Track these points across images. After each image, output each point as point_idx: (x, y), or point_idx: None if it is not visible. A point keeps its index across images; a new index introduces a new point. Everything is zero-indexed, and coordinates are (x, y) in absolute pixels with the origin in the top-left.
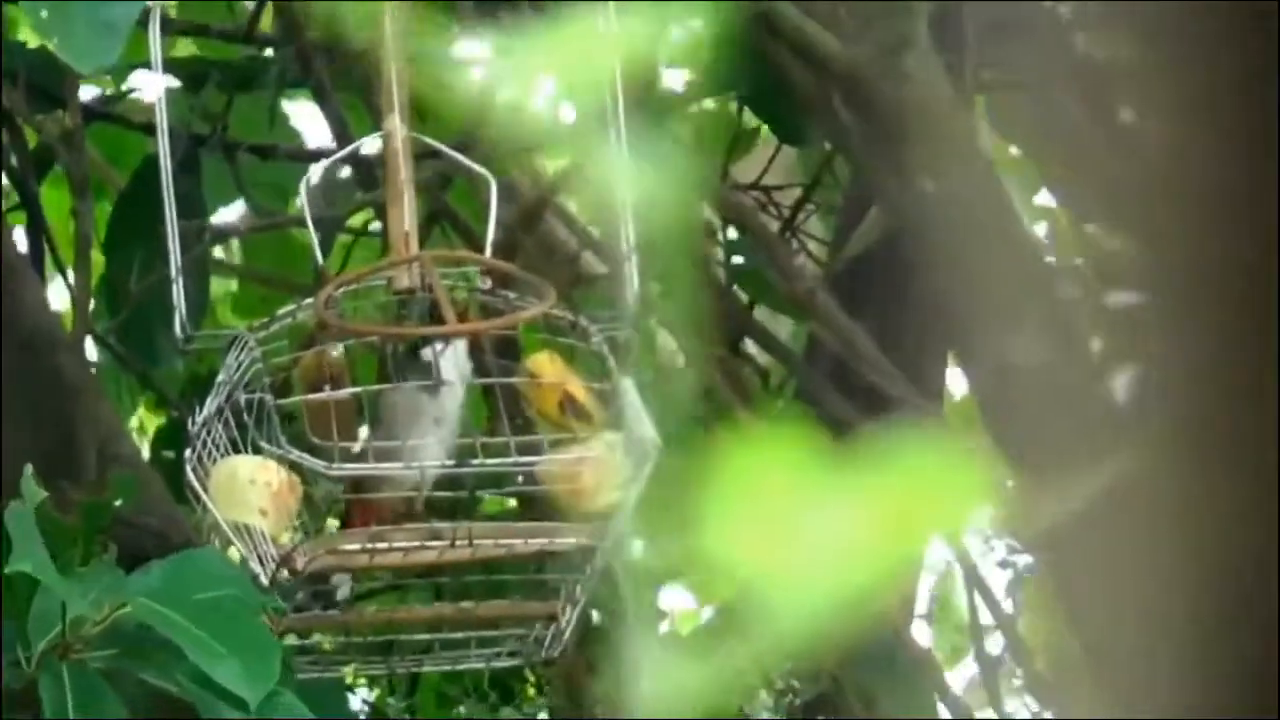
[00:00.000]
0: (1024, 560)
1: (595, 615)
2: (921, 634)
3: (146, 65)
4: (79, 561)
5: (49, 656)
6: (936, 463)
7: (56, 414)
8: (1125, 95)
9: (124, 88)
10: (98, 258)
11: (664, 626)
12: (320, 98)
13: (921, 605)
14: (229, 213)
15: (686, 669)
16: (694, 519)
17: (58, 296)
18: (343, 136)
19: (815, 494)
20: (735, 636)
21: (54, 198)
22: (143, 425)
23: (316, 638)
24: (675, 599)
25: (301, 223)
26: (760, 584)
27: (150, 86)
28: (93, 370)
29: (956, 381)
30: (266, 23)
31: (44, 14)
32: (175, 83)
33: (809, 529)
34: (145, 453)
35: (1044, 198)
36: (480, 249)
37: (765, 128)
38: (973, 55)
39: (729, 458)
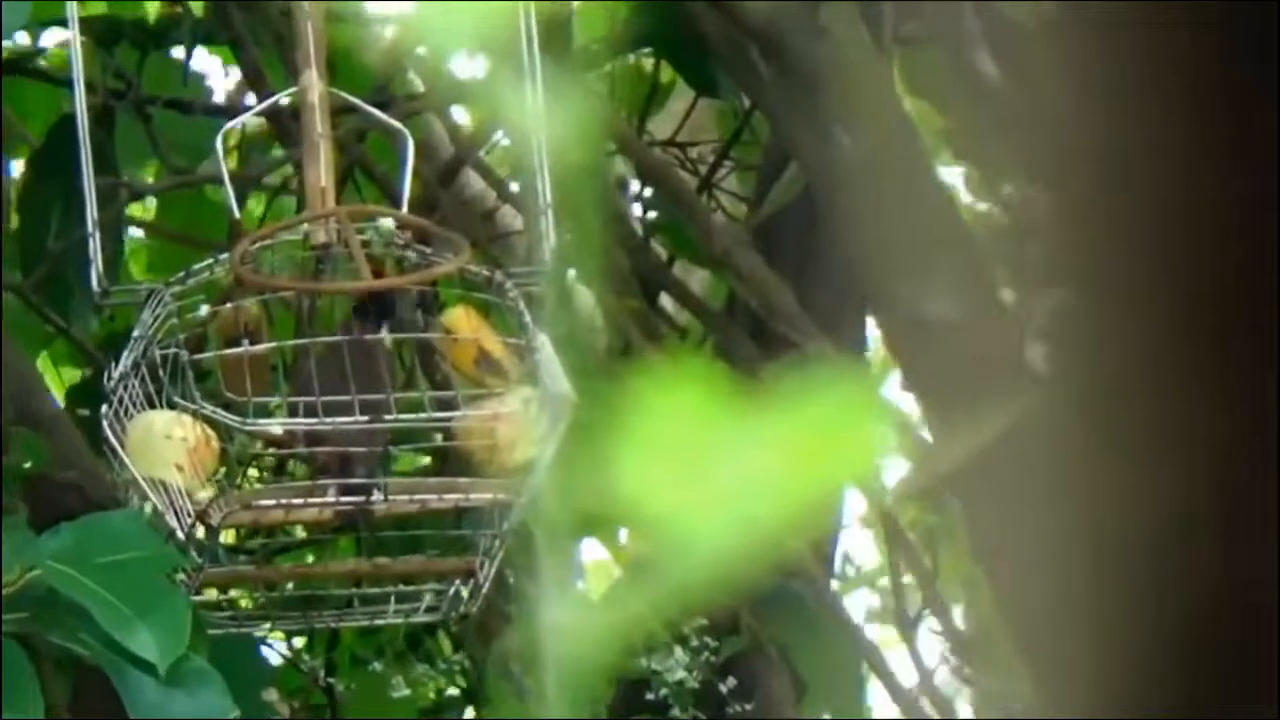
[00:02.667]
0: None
1: (511, 571)
2: (836, 589)
3: (61, 23)
4: None
5: None
6: (846, 406)
7: None
8: (1039, 53)
9: (39, 45)
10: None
11: (580, 582)
12: (237, 52)
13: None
14: (143, 172)
15: (601, 625)
16: (605, 469)
17: None
18: (260, 90)
19: (723, 437)
20: (649, 591)
21: None
22: (59, 380)
23: (233, 593)
24: (591, 554)
25: (217, 180)
26: (669, 531)
27: (73, 39)
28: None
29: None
30: None
31: None
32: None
33: (717, 472)
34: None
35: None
36: (398, 205)
37: (682, 82)
38: (891, 10)
39: (637, 402)
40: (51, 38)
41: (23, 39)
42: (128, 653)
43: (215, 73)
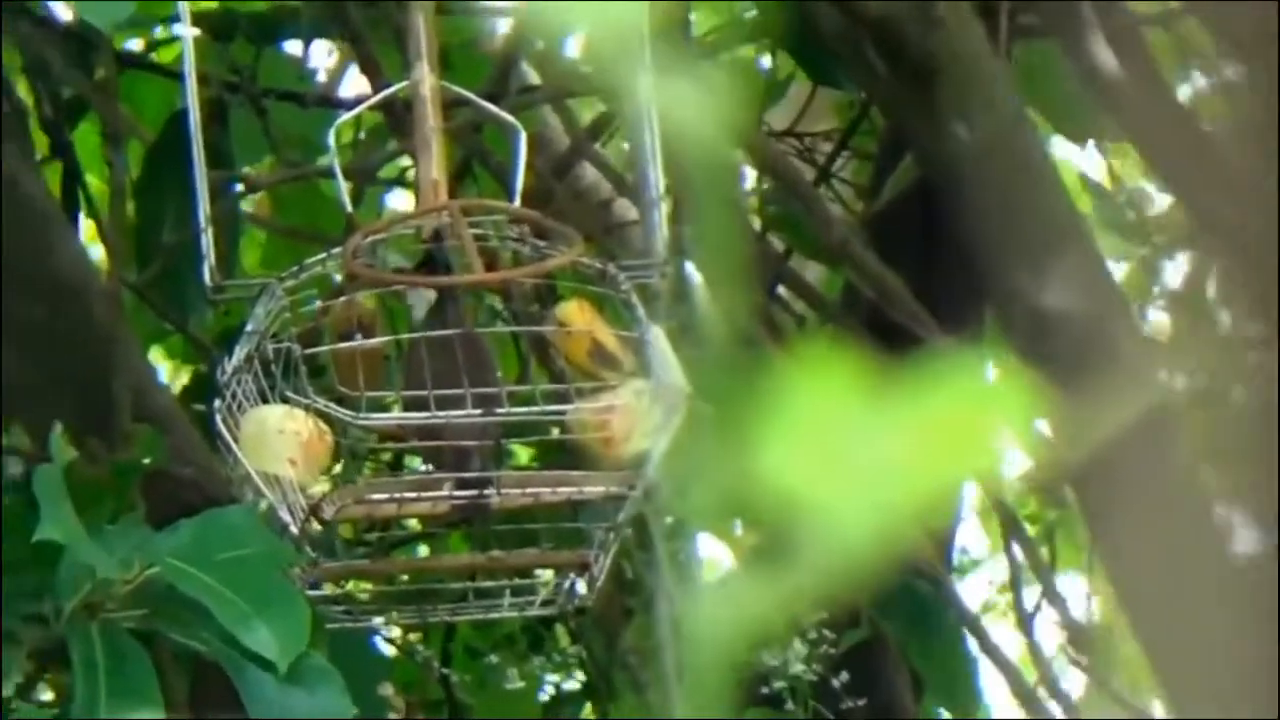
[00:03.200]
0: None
1: (629, 564)
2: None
3: (177, 18)
4: (108, 519)
5: (78, 615)
6: (966, 399)
7: (90, 365)
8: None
9: (155, 39)
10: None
11: (699, 575)
12: (355, 45)
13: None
14: (258, 166)
15: (720, 618)
16: (727, 462)
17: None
18: (376, 84)
19: (845, 430)
20: (768, 584)
21: (85, 145)
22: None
23: (349, 588)
24: (709, 547)
25: (331, 173)
26: (792, 522)
27: (184, 33)
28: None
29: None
30: None
31: None
32: (195, 32)
33: (840, 465)
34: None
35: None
36: (512, 198)
37: (800, 74)
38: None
39: (758, 395)
40: (166, 33)
41: (137, 36)
42: (246, 649)
43: (331, 66)
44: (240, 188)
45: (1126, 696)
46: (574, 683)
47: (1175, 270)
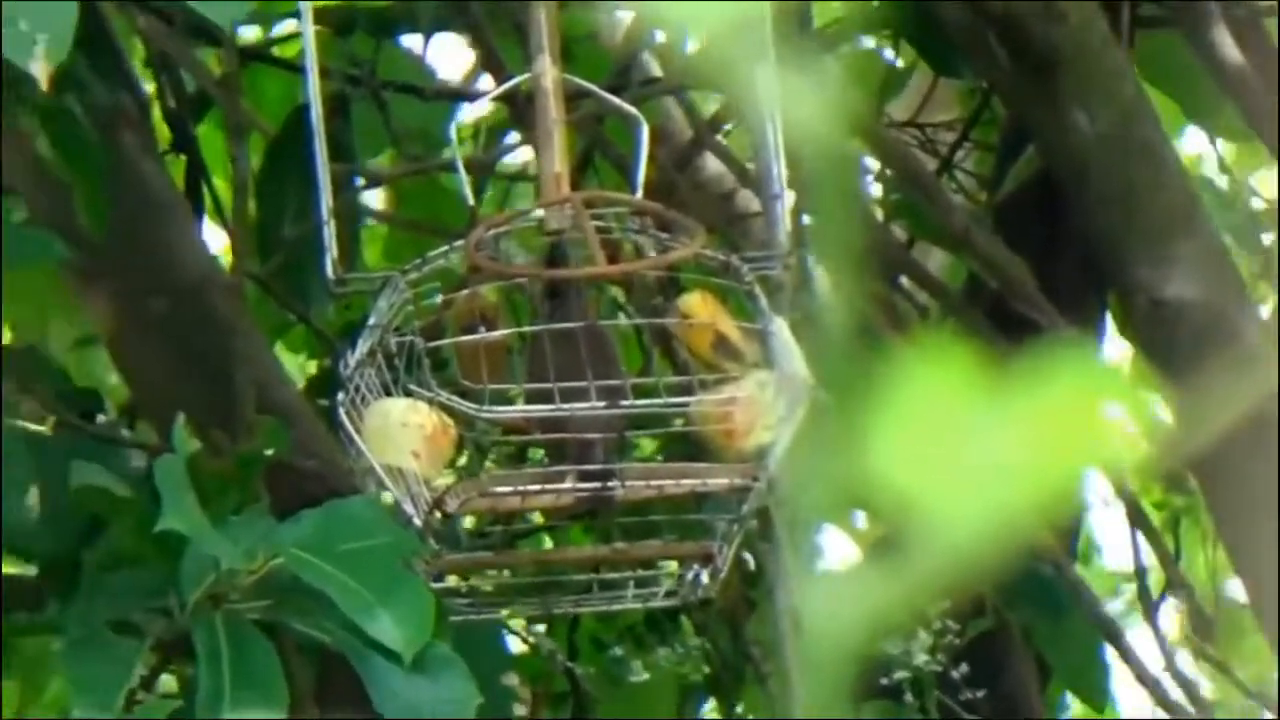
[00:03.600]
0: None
1: (752, 556)
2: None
3: (297, 14)
4: (231, 510)
5: (202, 606)
6: (1089, 388)
7: (214, 357)
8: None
9: (275, 34)
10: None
11: (821, 566)
12: (475, 39)
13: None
14: (380, 159)
15: (842, 609)
16: (848, 453)
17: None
18: (498, 77)
19: (968, 420)
20: (892, 574)
21: (208, 140)
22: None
23: (473, 579)
24: (832, 539)
25: (452, 166)
26: (916, 513)
27: (305, 27)
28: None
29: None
30: None
31: None
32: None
33: (963, 455)
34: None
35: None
36: (634, 190)
37: (921, 65)
38: None
39: (882, 385)
40: (287, 27)
41: (258, 30)
42: (370, 640)
43: (452, 59)
44: (361, 181)
45: (1251, 686)
46: (698, 675)
47: None
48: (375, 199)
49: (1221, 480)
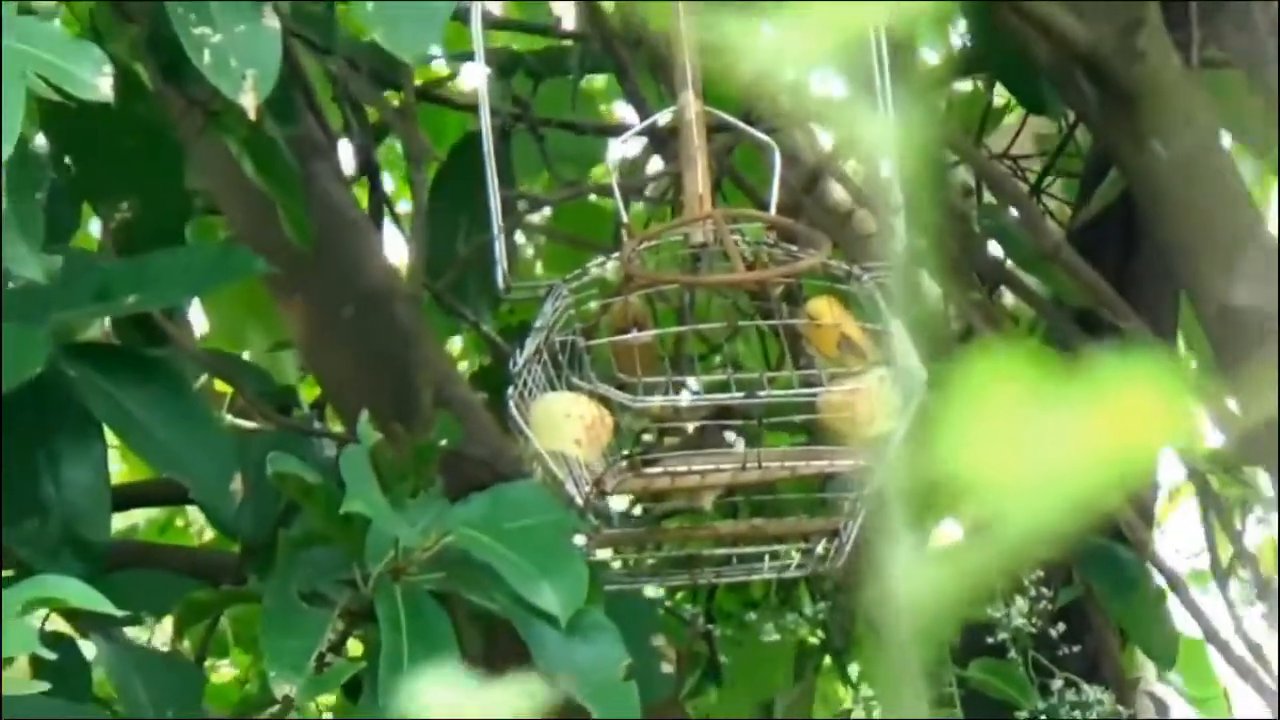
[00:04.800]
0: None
1: (870, 531)
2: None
3: (468, 56)
4: (409, 494)
5: (384, 579)
6: (1161, 381)
7: (395, 359)
8: None
9: (449, 74)
10: None
11: (930, 542)
12: (621, 78)
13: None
14: (536, 183)
15: (947, 578)
16: (951, 441)
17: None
18: (641, 112)
19: (1051, 410)
20: (989, 548)
21: (390, 167)
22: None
23: (626, 553)
24: (938, 517)
25: (603, 190)
26: (1006, 494)
27: (470, 74)
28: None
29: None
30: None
31: (369, 8)
32: (489, 71)
33: (1047, 441)
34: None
35: None
36: (765, 209)
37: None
38: (1197, 34)
39: (977, 381)
40: (461, 68)
41: (438, 67)
42: (533, 607)
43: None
44: (523, 205)
45: None
46: (814, 638)
47: None
48: (534, 218)
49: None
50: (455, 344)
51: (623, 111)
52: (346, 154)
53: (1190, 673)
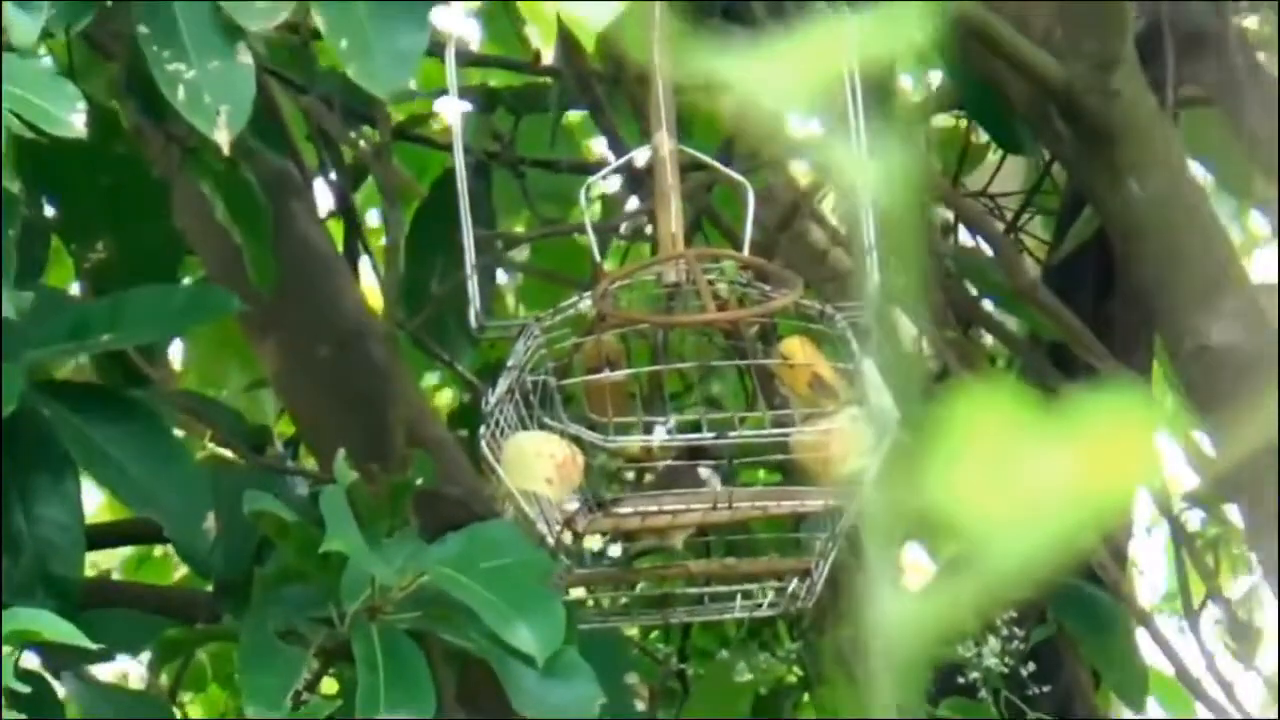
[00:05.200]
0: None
1: (843, 570)
2: (1132, 587)
3: (445, 92)
4: (385, 533)
5: (360, 617)
6: (1135, 421)
7: (370, 397)
8: None
9: (426, 111)
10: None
11: (903, 580)
12: (596, 116)
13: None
14: (517, 220)
15: (921, 617)
16: (925, 479)
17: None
18: (617, 150)
19: (1026, 449)
20: (962, 587)
21: (368, 205)
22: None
23: (599, 592)
24: (912, 555)
25: (580, 229)
26: (981, 533)
27: (448, 110)
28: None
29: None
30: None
31: (344, 44)
32: (468, 106)
33: (1022, 481)
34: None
35: None
36: (740, 248)
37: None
38: (1173, 72)
39: (952, 420)
40: (439, 104)
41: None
42: (509, 647)
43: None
44: (500, 242)
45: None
46: (792, 676)
47: None
48: (515, 255)
49: (1254, 504)
50: (434, 380)
51: (602, 148)
52: (323, 192)
53: (1169, 703)
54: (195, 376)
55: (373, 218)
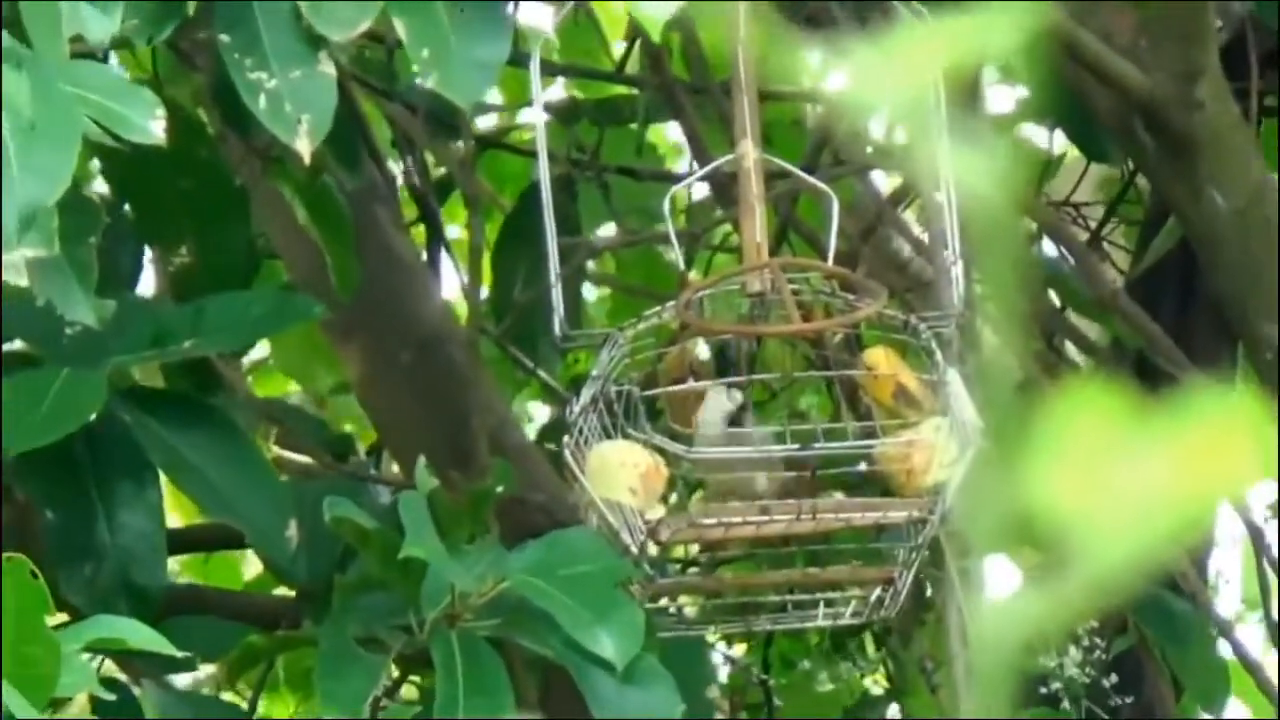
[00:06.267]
0: None
1: (927, 580)
2: (1213, 598)
3: (529, 103)
4: (466, 540)
5: (439, 624)
6: (1221, 432)
7: (452, 404)
8: None
9: (513, 122)
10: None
11: (986, 590)
12: (682, 126)
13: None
14: (603, 231)
15: (1004, 627)
16: (1010, 491)
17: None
18: (703, 160)
19: (1126, 451)
20: (1046, 597)
21: (453, 215)
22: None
23: (681, 601)
24: (997, 565)
25: (665, 238)
26: (1070, 542)
27: (537, 115)
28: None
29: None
30: (633, 64)
31: (425, 53)
32: (547, 118)
33: (1110, 491)
34: (532, 437)
35: None
36: (824, 257)
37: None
38: (1256, 83)
39: (1040, 429)
40: (525, 114)
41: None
42: (588, 653)
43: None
44: (584, 251)
45: None
46: (878, 687)
47: None
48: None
49: None
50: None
51: (687, 158)
52: (406, 199)
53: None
54: (281, 378)
55: (453, 230)
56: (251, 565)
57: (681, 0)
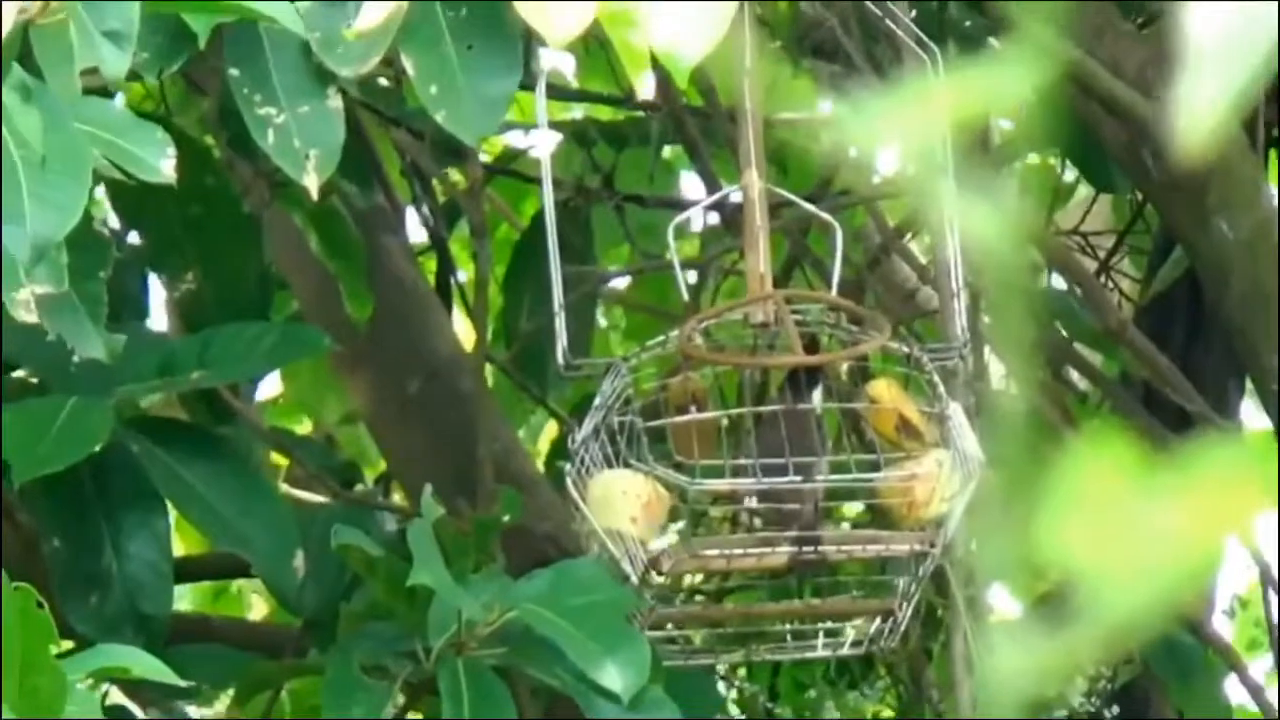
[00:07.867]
0: None
1: (932, 610)
2: (1222, 628)
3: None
4: (472, 569)
5: (446, 653)
6: (1231, 467)
7: (460, 432)
8: None
9: (520, 146)
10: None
11: (990, 621)
12: (691, 154)
13: (1222, 603)
14: (619, 254)
15: (1008, 657)
16: (1020, 525)
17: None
18: (710, 187)
19: (1124, 496)
20: (1052, 629)
21: (462, 243)
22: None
23: (684, 630)
24: (1000, 596)
25: (671, 268)
26: (1080, 577)
27: (541, 145)
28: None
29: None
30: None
31: (433, 90)
32: (558, 138)
33: (1120, 526)
34: (540, 465)
35: None
36: (830, 285)
37: (1082, 181)
38: (1264, 114)
39: (1050, 464)
40: (534, 138)
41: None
42: (594, 683)
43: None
44: (595, 277)
45: None
46: (887, 710)
47: None
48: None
49: None
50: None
51: (698, 184)
52: (415, 226)
53: None
54: (290, 408)
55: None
56: (258, 609)
57: (712, 37)
